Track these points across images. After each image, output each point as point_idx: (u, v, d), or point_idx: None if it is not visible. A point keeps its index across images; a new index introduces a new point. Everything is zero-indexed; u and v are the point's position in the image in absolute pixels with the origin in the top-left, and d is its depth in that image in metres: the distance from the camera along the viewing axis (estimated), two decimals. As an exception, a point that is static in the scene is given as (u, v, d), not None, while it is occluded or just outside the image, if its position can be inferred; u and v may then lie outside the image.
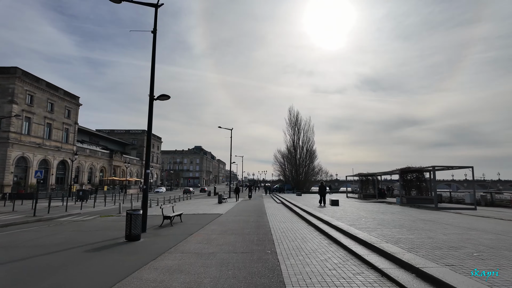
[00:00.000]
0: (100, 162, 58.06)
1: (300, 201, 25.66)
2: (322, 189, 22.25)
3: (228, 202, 28.33)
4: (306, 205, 20.69)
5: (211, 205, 24.14)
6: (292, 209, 18.88)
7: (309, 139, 67.32)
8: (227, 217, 15.50)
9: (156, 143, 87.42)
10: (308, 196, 35.11)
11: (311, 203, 22.72)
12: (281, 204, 25.64)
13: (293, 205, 21.06)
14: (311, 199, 29.28)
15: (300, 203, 22.18)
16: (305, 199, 28.23)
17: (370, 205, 20.99)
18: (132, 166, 72.52)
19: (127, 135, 79.31)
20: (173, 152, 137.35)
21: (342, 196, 36.22)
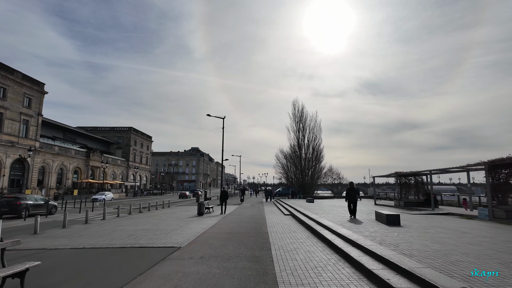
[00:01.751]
0: (73, 162, 49.78)
1: (317, 211, 17.40)
2: (352, 194, 14.60)
3: (213, 213, 19.99)
4: (333, 220, 12.43)
5: (183, 220, 15.77)
6: (315, 231, 10.58)
7: (315, 136, 59.27)
8: (180, 266, 7.12)
9: (145, 143, 79.21)
10: (322, 203, 26.77)
11: (337, 215, 14.49)
12: (291, 216, 17.32)
13: (314, 221, 12.79)
14: (330, 207, 20.98)
15: (322, 217, 13.88)
16: (321, 208, 19.96)
17: (441, 220, 12.66)
18: (116, 167, 64.26)
19: (111, 132, 71.09)
20: (168, 154, 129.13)
21: (366, 202, 27.86)
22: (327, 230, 10.01)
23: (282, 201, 30.83)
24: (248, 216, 17.47)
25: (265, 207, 25.48)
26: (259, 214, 19.21)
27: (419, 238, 7.99)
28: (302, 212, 16.53)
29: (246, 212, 20.94)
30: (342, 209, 18.46)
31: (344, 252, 6.81)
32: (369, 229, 9.78)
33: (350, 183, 15.80)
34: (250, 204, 31.66)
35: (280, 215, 18.05)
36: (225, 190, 20.24)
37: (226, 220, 15.19)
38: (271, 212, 20.18)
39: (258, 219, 15.70)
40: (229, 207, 25.59)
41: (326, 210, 18.15)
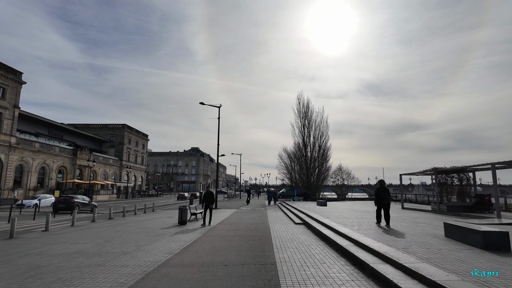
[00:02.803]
0: (58, 161, 45.39)
1: (340, 218, 12.73)
2: (384, 195, 11.02)
3: (200, 221, 15.37)
4: (382, 239, 7.71)
5: (152, 233, 11.12)
6: (363, 262, 5.90)
7: (322, 133, 54.35)
8: None
9: (141, 141, 74.81)
10: (337, 207, 22.10)
11: (363, 223, 9.82)
12: (305, 227, 12.71)
13: (349, 240, 8.12)
14: (352, 212, 16.30)
15: (359, 232, 9.21)
16: (342, 214, 15.30)
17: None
18: (108, 166, 59.87)
19: (104, 130, 66.71)
20: (167, 154, 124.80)
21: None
22: (388, 265, 5.36)
23: (288, 204, 26.17)
24: (245, 227, 12.80)
25: (268, 212, 20.83)
26: (261, 222, 14.56)
27: None
28: (322, 222, 11.87)
29: (245, 219, 16.29)
30: (373, 216, 13.82)
31: None
32: (471, 262, 5.12)
33: (381, 181, 11.57)
34: (251, 207, 27.03)
35: (289, 224, 13.41)
36: (209, 191, 14.49)
37: (212, 234, 10.54)
38: (277, 220, 15.53)
39: (260, 232, 11.08)
40: (225, 212, 20.98)
41: (352, 218, 13.48)
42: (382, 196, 10.80)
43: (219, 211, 22.35)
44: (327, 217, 13.52)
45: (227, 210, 23.42)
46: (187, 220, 14.23)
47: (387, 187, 12.02)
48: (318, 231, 10.41)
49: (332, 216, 14.30)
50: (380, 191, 10.98)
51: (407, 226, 10.42)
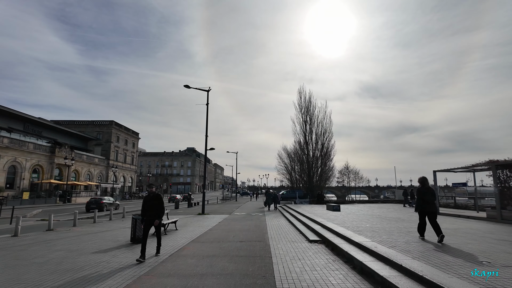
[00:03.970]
0: (32, 159, 40.64)
1: (364, 230, 8.21)
2: (428, 198, 7.77)
3: (171, 235, 10.81)
4: (430, 258, 3.17)
5: (54, 272, 6.48)
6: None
7: (325, 130, 49.90)
8: None
9: (130, 139, 70.05)
10: (351, 211, 17.53)
11: (419, 242, 5.11)
12: (324, 247, 8.12)
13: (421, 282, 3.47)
14: (377, 220, 11.73)
15: (405, 254, 4.59)
16: (366, 221, 10.77)
17: None
18: (93, 166, 55.09)
19: (90, 127, 61.96)
20: (161, 154, 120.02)
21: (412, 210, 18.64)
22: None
23: (290, 208, 21.59)
24: (232, 249, 8.16)
25: (268, 220, 16.21)
26: (257, 238, 9.95)
27: None
28: (354, 241, 7.30)
29: (235, 231, 11.67)
30: (412, 226, 9.24)
31: None
32: None
33: (423, 179, 8.11)
34: (245, 212, 22.40)
35: (300, 243, 8.82)
36: (152, 194, 7.43)
37: (160, 275, 5.86)
38: (280, 233, 10.93)
39: (255, 262, 6.52)
40: (212, 220, 16.39)
41: (393, 231, 8.91)
42: (427, 200, 7.64)
43: (205, 218, 17.75)
44: (357, 231, 8.97)
45: (216, 216, 18.81)
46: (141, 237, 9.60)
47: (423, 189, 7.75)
48: (355, 261, 5.87)
49: (361, 227, 9.75)
50: (424, 193, 7.71)
51: (478, 243, 5.91)
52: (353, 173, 47.67)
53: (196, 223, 14.47)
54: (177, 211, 24.32)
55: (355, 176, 47.53)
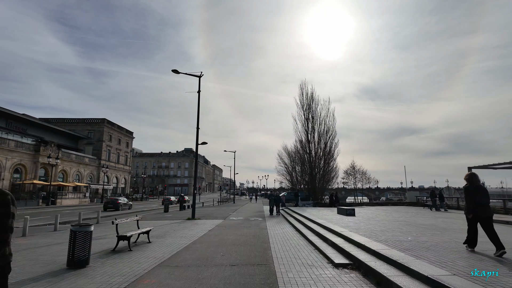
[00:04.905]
0: (14, 157, 37.62)
1: (409, 246, 5.37)
2: (480, 199, 5.89)
3: (133, 253, 7.84)
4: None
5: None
6: None
7: (328, 128, 46.91)
8: None
9: (124, 139, 66.99)
10: (368, 216, 14.65)
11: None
12: (361, 279, 5.12)
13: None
14: (408, 228, 8.84)
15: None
16: (400, 231, 7.93)
17: None
18: (82, 166, 52.03)
19: (81, 125, 58.93)
20: (158, 155, 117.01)
21: (454, 216, 15.72)
22: None
23: (295, 213, 18.68)
24: (217, 281, 5.29)
25: (270, 228, 13.27)
26: (257, 260, 7.01)
27: None
28: (425, 276, 4.38)
29: (227, 246, 8.74)
30: (459, 235, 6.37)
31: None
32: None
33: (471, 176, 6.33)
34: (243, 217, 19.42)
35: (323, 270, 5.90)
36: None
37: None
38: (289, 250, 8.00)
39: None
40: (202, 226, 13.46)
41: (448, 245, 6.00)
42: (480, 202, 5.97)
43: (194, 224, 14.80)
44: (403, 248, 6.04)
45: (208, 222, 15.86)
46: (85, 260, 6.66)
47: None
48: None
49: (403, 242, 6.82)
50: (476, 193, 6.04)
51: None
52: (360, 173, 44.69)
53: (179, 232, 11.53)
54: (165, 215, 21.37)
55: (361, 176, 44.55)
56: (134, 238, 9.35)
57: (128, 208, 31.39)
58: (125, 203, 31.52)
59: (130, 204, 33.16)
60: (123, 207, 30.46)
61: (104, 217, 21.20)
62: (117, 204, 29.70)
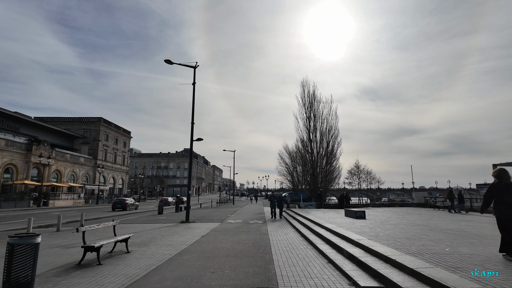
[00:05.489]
0: (4, 157, 36.16)
1: (457, 262, 3.94)
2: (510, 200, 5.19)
3: (103, 269, 6.28)
4: None
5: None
6: None
7: (330, 126, 45.46)
8: None
9: (121, 138, 65.51)
10: (380, 219, 13.14)
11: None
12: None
13: None
14: (430, 233, 7.33)
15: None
16: (425, 239, 6.45)
17: None
18: (77, 166, 50.55)
19: (77, 124, 57.46)
20: (157, 155, 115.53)
21: (487, 220, 14.17)
22: None
23: (298, 215, 17.15)
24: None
25: (271, 233, 11.74)
26: (259, 286, 5.52)
27: None
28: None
29: (220, 258, 7.20)
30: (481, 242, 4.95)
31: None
32: None
33: (500, 171, 5.53)
34: (241, 219, 17.88)
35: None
36: None
37: None
38: (299, 271, 6.49)
39: None
40: (196, 231, 11.94)
41: (495, 258, 4.52)
42: (508, 203, 5.14)
43: (187, 228, 13.27)
44: (450, 265, 4.53)
45: (203, 225, 14.33)
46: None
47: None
48: None
49: (442, 254, 5.31)
50: (502, 192, 5.22)
51: None
52: (364, 173, 43.06)
53: (167, 239, 10.01)
54: (158, 217, 19.86)
55: (366, 176, 42.92)
56: (109, 247, 7.84)
57: (135, 208, 32.60)
58: (132, 204, 32.81)
59: (136, 205, 34.46)
60: (130, 207, 31.81)
61: (105, 217, 19.71)
62: (125, 204, 31.07)
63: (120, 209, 30.41)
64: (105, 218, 20.57)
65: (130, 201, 33.50)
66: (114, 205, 31.25)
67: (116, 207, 30.66)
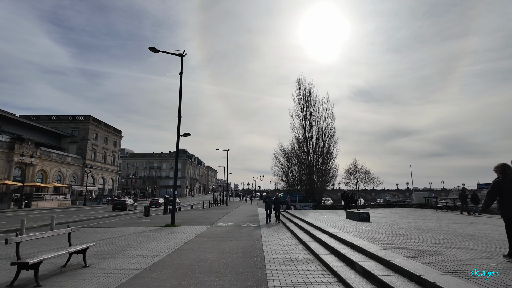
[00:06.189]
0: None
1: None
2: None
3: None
4: None
5: None
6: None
7: (327, 125, 44.18)
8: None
9: (111, 137, 63.49)
10: (386, 222, 11.79)
11: None
12: None
13: None
14: (451, 240, 5.98)
15: None
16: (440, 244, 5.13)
17: None
18: (64, 166, 48.51)
19: (65, 123, 55.36)
20: (150, 156, 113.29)
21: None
22: None
23: (295, 217, 15.75)
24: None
25: (266, 240, 10.30)
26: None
27: None
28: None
29: (199, 275, 5.78)
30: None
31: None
32: None
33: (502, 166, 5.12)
34: (233, 222, 16.40)
35: None
36: None
37: None
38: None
39: None
40: (180, 236, 10.45)
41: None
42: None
43: (171, 232, 11.75)
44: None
45: (189, 229, 12.82)
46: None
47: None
48: None
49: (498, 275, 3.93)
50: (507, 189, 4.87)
51: None
52: (362, 173, 41.82)
53: (142, 247, 8.50)
54: (143, 220, 18.30)
55: (364, 176, 41.69)
56: (63, 259, 6.32)
57: (134, 209, 32.68)
58: (131, 204, 33.17)
59: (135, 205, 34.57)
60: (130, 208, 32.02)
61: (106, 217, 18.09)
62: (125, 205, 31.47)
63: (120, 210, 30.76)
64: (89, 221, 18.93)
65: (130, 201, 33.71)
66: (115, 205, 31.50)
67: (117, 208, 30.96)
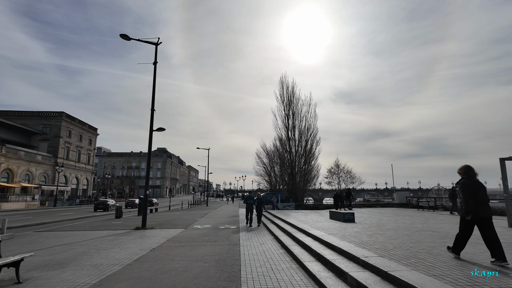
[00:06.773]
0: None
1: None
2: (482, 196, 5.04)
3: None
4: None
5: None
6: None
7: (309, 125, 43.91)
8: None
9: (86, 135, 60.54)
10: (371, 222, 11.16)
11: None
12: None
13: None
14: (447, 243, 5.35)
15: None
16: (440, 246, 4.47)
17: None
18: (34, 164, 45.56)
19: (36, 119, 52.14)
20: (128, 155, 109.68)
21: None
22: None
23: (276, 217, 14.90)
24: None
25: (244, 244, 9.35)
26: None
27: None
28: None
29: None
30: None
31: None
32: None
33: (466, 168, 5.33)
34: (211, 224, 15.30)
35: None
36: None
37: None
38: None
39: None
40: (145, 242, 9.28)
41: None
42: (480, 200, 4.94)
43: (140, 236, 10.58)
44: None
45: (161, 232, 11.67)
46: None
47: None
48: None
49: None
50: (475, 189, 5.00)
51: None
52: (344, 172, 41.78)
53: (101, 254, 7.35)
54: (112, 222, 16.92)
55: (346, 175, 41.65)
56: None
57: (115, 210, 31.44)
58: (113, 205, 32.73)
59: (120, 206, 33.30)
60: (112, 208, 31.53)
61: (74, 219, 16.47)
62: (107, 205, 31.47)
63: (102, 210, 30.58)
64: (53, 223, 17.32)
65: (112, 202, 33.70)
66: (96, 206, 31.47)
67: (98, 208, 30.93)
